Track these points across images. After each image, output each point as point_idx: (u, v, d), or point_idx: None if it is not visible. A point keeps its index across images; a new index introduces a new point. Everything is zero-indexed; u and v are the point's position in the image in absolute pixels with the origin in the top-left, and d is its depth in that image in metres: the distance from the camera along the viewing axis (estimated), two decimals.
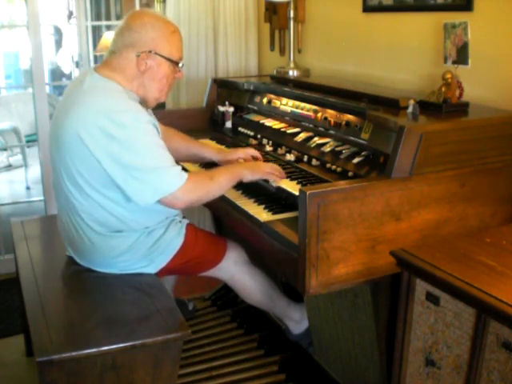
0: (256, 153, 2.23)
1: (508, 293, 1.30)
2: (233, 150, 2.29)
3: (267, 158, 2.27)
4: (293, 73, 2.92)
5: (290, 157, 2.20)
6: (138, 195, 1.84)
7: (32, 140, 5.65)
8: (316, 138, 2.18)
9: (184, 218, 2.16)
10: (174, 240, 2.03)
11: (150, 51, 1.91)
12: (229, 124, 2.76)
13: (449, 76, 1.94)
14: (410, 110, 1.88)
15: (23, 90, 6.61)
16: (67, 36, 7.60)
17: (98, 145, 1.80)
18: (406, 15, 2.40)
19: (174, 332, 1.69)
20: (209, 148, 2.35)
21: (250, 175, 2.02)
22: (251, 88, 2.72)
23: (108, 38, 4.93)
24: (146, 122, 1.85)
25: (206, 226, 3.49)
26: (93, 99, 1.85)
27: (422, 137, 1.68)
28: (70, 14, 7.03)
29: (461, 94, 2.00)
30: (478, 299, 1.31)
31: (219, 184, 1.95)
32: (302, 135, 2.26)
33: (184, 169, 2.39)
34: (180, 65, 2.03)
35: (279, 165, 2.17)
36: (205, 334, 2.69)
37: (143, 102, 1.99)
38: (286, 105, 2.48)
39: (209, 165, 2.35)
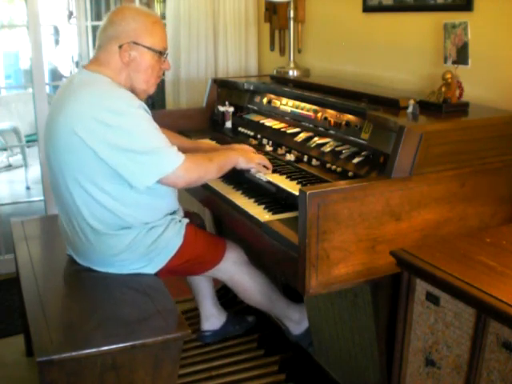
0: (251, 149, 2.24)
1: (508, 293, 1.30)
2: (228, 146, 2.30)
3: (267, 157, 2.27)
4: (293, 73, 2.92)
5: (290, 157, 2.20)
6: (139, 178, 1.86)
7: (32, 140, 5.65)
8: (316, 138, 2.18)
9: (184, 217, 2.16)
10: (173, 239, 2.03)
11: (132, 42, 1.94)
12: (229, 124, 2.76)
13: (449, 76, 1.94)
14: (410, 109, 1.88)
15: (23, 90, 6.60)
16: (67, 36, 7.60)
17: (93, 135, 1.82)
18: (406, 15, 2.40)
19: (174, 332, 1.69)
20: (203, 144, 2.39)
21: (244, 163, 2.09)
22: (251, 88, 2.72)
23: None
24: (138, 106, 1.88)
25: (206, 226, 3.49)
26: (84, 92, 1.87)
27: (422, 137, 1.68)
28: (70, 14, 7.02)
29: (461, 94, 2.00)
30: (478, 299, 1.31)
31: (218, 165, 2.01)
32: (302, 135, 2.26)
33: None
34: (165, 55, 2.04)
35: (279, 165, 2.17)
36: None
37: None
38: (286, 105, 2.48)
39: None
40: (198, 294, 2.54)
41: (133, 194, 1.92)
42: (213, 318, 2.57)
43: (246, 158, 2.10)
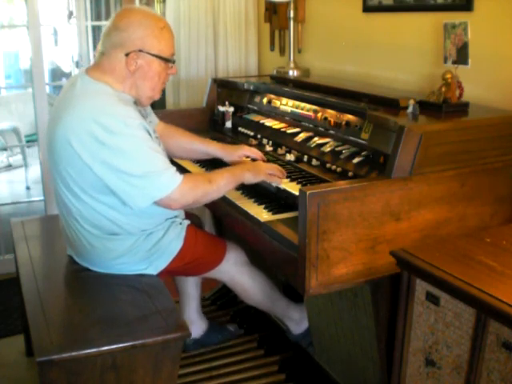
0: (259, 153, 2.23)
1: (508, 293, 1.30)
2: (238, 146, 2.27)
3: (267, 158, 2.27)
4: (293, 73, 2.92)
5: (290, 157, 2.20)
6: (131, 200, 1.82)
7: (32, 140, 5.65)
8: (316, 138, 2.18)
9: (185, 219, 2.14)
10: (173, 242, 2.01)
11: (139, 50, 1.86)
12: (229, 124, 2.76)
13: (449, 76, 1.94)
14: (409, 110, 1.89)
15: (23, 90, 6.60)
16: (67, 36, 7.60)
17: (88, 151, 1.77)
18: (406, 15, 2.40)
19: (174, 332, 1.69)
20: (213, 144, 2.31)
21: (251, 178, 2.00)
22: (251, 88, 2.72)
23: None
24: (136, 127, 1.80)
25: (206, 226, 3.48)
26: (82, 104, 1.81)
27: (422, 137, 1.68)
28: (70, 14, 7.02)
29: (461, 94, 2.00)
30: (477, 299, 1.31)
31: (217, 186, 1.93)
32: (302, 135, 2.26)
33: (185, 170, 2.39)
34: (172, 61, 1.97)
35: (279, 165, 2.17)
36: None
37: (137, 102, 1.97)
38: (286, 105, 2.48)
39: (211, 162, 2.36)
40: (183, 296, 2.50)
41: None
42: (194, 326, 2.47)
43: (254, 172, 2.00)
